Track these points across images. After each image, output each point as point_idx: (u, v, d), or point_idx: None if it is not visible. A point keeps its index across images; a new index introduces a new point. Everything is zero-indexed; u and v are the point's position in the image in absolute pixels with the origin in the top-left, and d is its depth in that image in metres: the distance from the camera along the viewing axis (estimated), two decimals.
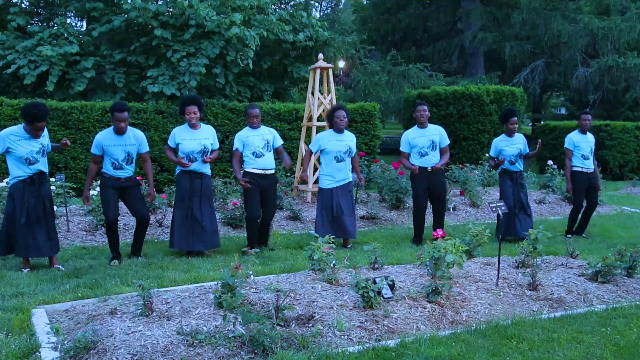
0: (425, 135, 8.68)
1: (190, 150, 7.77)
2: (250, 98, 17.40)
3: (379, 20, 28.98)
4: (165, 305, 5.15)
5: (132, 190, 7.63)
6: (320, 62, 12.13)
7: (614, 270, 6.34)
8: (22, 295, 5.91)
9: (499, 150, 9.12)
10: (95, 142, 7.45)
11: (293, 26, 17.63)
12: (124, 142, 7.46)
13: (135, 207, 7.66)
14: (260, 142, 8.21)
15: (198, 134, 7.87)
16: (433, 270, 5.47)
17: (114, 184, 7.46)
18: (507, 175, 9.13)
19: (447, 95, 17.97)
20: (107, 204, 7.46)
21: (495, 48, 25.55)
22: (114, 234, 7.56)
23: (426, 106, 8.81)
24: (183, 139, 7.81)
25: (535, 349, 4.57)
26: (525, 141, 9.25)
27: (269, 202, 8.30)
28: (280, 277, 6.24)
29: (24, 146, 6.93)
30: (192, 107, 7.77)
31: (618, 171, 20.12)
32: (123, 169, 7.47)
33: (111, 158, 7.41)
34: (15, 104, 13.12)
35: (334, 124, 8.43)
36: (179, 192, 7.87)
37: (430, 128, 8.78)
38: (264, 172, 8.15)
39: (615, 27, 23.22)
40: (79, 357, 4.27)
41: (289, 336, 4.55)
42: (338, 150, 8.36)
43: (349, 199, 8.50)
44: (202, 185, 7.86)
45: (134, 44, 15.91)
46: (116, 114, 7.28)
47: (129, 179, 7.56)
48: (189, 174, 7.82)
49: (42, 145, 7.05)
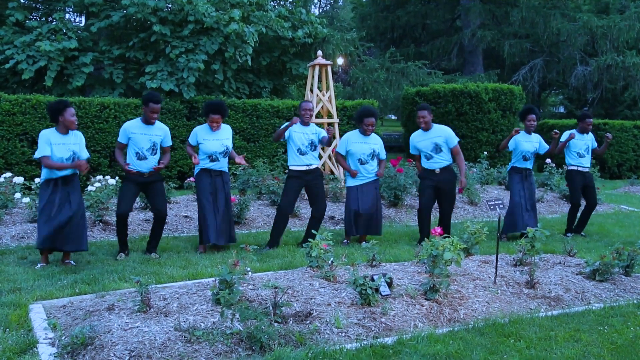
0: (428, 139, 8.45)
1: (214, 150, 7.88)
2: (249, 94, 17.39)
3: (378, 17, 28.96)
4: (162, 302, 5.15)
5: (155, 185, 7.67)
6: (319, 59, 12.12)
7: (611, 268, 6.35)
8: (19, 291, 5.90)
9: (517, 143, 9.13)
10: (122, 131, 7.50)
11: (292, 23, 17.61)
12: (151, 131, 7.54)
13: (155, 202, 7.67)
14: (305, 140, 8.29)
15: (219, 134, 7.98)
16: (431, 267, 5.47)
17: (137, 179, 7.50)
18: (518, 172, 9.16)
19: (445, 93, 17.96)
20: (123, 197, 7.48)
21: (494, 46, 25.56)
22: (123, 227, 7.57)
23: (426, 111, 8.46)
24: (205, 139, 7.91)
25: (532, 347, 4.57)
26: (541, 140, 9.30)
27: (318, 196, 8.41)
28: (278, 274, 6.24)
29: (56, 152, 6.87)
30: (216, 116, 7.87)
31: (616, 170, 20.15)
32: (147, 159, 7.49)
33: (136, 147, 7.46)
34: (14, 99, 13.08)
35: (362, 125, 8.50)
36: (200, 190, 7.93)
37: (434, 130, 8.48)
38: (308, 168, 8.26)
39: (614, 25, 23.23)
40: (76, 352, 4.27)
41: (287, 333, 4.55)
42: (362, 153, 8.43)
43: (373, 196, 8.53)
44: (222, 181, 8.00)
45: (133, 39, 15.88)
46: (151, 105, 7.37)
47: (152, 174, 7.58)
48: (209, 172, 7.93)
49: (73, 152, 7.00)
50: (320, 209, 8.37)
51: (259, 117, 15.33)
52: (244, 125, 15.10)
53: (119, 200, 7.52)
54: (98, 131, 13.70)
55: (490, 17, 26.18)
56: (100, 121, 13.79)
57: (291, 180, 8.24)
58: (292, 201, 8.31)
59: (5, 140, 12.95)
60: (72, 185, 7.02)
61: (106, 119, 13.83)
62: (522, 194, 9.02)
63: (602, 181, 17.25)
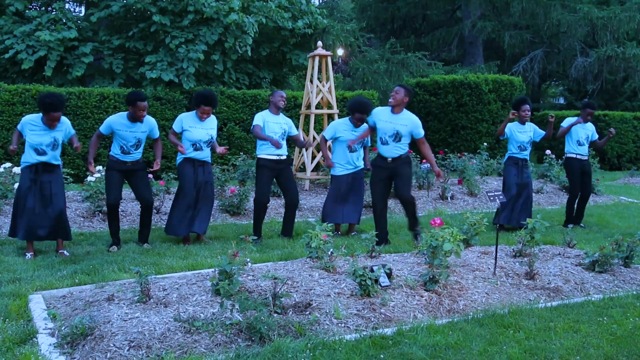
0: (391, 122, 7.58)
1: (198, 139, 7.84)
2: (248, 85, 17.36)
3: (378, 8, 28.85)
4: (162, 292, 5.15)
5: (138, 174, 7.70)
6: (319, 50, 12.09)
7: (611, 260, 6.35)
8: (19, 281, 5.91)
9: (511, 132, 9.13)
10: (107, 124, 7.50)
11: (292, 13, 17.55)
12: (137, 128, 7.53)
13: (140, 191, 7.71)
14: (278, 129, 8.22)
15: (205, 123, 7.95)
16: (430, 258, 5.46)
17: (120, 167, 7.53)
18: (514, 162, 9.15)
19: (445, 84, 17.93)
20: (110, 186, 7.51)
21: (494, 37, 25.47)
22: (115, 218, 7.59)
23: (403, 89, 7.59)
24: (191, 127, 7.86)
25: (532, 338, 4.58)
26: (536, 128, 9.30)
27: (290, 184, 8.36)
28: (277, 265, 6.25)
29: (36, 137, 6.98)
30: (208, 107, 7.83)
31: (616, 161, 20.15)
32: (131, 153, 7.55)
33: (121, 142, 7.48)
34: (13, 89, 13.07)
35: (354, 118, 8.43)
36: (183, 180, 7.87)
37: (403, 116, 7.62)
38: (279, 158, 8.18)
39: (614, 16, 23.15)
40: (76, 343, 4.27)
41: (286, 324, 4.55)
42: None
43: (359, 186, 8.61)
44: (204, 171, 7.93)
45: (133, 29, 15.82)
46: (139, 103, 7.34)
47: (135, 163, 7.63)
48: (192, 162, 7.86)
49: (54, 139, 7.06)
50: (294, 197, 8.33)
51: (258, 108, 15.28)
52: (243, 116, 15.06)
53: (107, 190, 7.57)
54: (98, 121, 13.63)
55: (491, 8, 26.08)
56: (100, 111, 13.76)
57: (263, 171, 8.11)
58: (268, 192, 8.20)
59: (4, 130, 12.93)
60: (53, 175, 7.14)
61: (106, 109, 13.80)
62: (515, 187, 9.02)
63: (602, 172, 17.26)
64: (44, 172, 7.06)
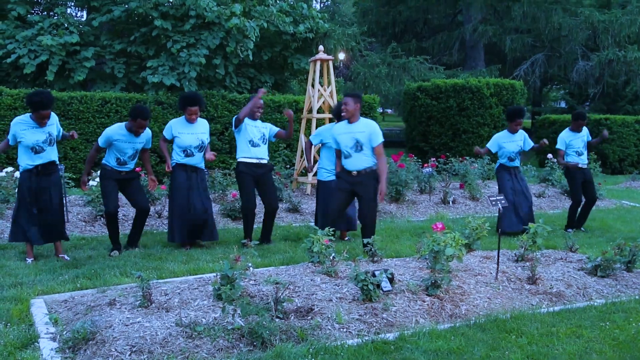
0: (349, 132, 7.22)
1: (189, 144, 7.77)
2: (250, 89, 17.37)
3: (380, 12, 28.89)
4: (164, 297, 5.15)
5: (132, 183, 7.69)
6: (321, 54, 12.10)
7: (613, 264, 6.34)
8: (21, 286, 5.91)
9: (500, 146, 9.14)
10: (105, 136, 7.42)
11: (293, 18, 17.57)
12: (135, 140, 7.50)
13: (136, 198, 7.69)
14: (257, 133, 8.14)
15: (195, 128, 7.87)
16: (432, 263, 5.46)
17: (114, 176, 7.51)
18: (506, 170, 9.17)
19: (447, 88, 17.95)
20: (108, 195, 7.49)
21: (496, 41, 25.52)
22: (114, 225, 7.58)
23: (351, 98, 7.16)
24: (181, 133, 7.79)
25: (534, 343, 4.57)
26: (526, 136, 9.29)
27: (269, 189, 8.25)
28: (279, 270, 6.24)
29: (31, 135, 6.98)
30: (194, 107, 7.76)
31: (618, 165, 20.13)
32: (127, 164, 7.55)
33: (118, 153, 7.45)
34: (15, 93, 13.09)
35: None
36: (175, 185, 7.84)
37: (360, 124, 7.25)
38: (259, 162, 8.09)
39: (615, 20, 23.19)
40: (77, 347, 4.27)
41: (288, 329, 4.54)
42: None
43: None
44: (197, 177, 7.88)
45: (134, 34, 15.86)
46: (139, 120, 7.28)
47: (130, 172, 7.63)
48: (184, 168, 7.82)
49: (49, 134, 7.06)
50: (274, 202, 8.21)
51: None
52: None
53: (105, 199, 7.55)
54: (100, 126, 13.66)
55: (492, 12, 26.12)
56: (102, 116, 13.78)
57: (243, 177, 8.00)
58: (253, 197, 8.14)
59: (6, 134, 12.91)
60: (52, 180, 7.14)
61: (108, 114, 13.82)
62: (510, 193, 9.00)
63: (603, 176, 17.24)
64: (43, 176, 7.06)
